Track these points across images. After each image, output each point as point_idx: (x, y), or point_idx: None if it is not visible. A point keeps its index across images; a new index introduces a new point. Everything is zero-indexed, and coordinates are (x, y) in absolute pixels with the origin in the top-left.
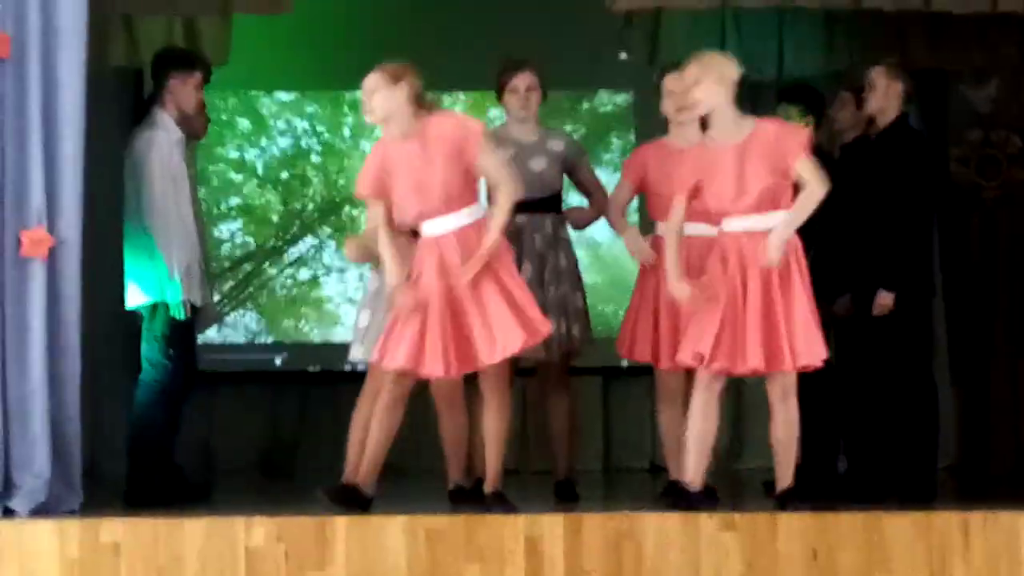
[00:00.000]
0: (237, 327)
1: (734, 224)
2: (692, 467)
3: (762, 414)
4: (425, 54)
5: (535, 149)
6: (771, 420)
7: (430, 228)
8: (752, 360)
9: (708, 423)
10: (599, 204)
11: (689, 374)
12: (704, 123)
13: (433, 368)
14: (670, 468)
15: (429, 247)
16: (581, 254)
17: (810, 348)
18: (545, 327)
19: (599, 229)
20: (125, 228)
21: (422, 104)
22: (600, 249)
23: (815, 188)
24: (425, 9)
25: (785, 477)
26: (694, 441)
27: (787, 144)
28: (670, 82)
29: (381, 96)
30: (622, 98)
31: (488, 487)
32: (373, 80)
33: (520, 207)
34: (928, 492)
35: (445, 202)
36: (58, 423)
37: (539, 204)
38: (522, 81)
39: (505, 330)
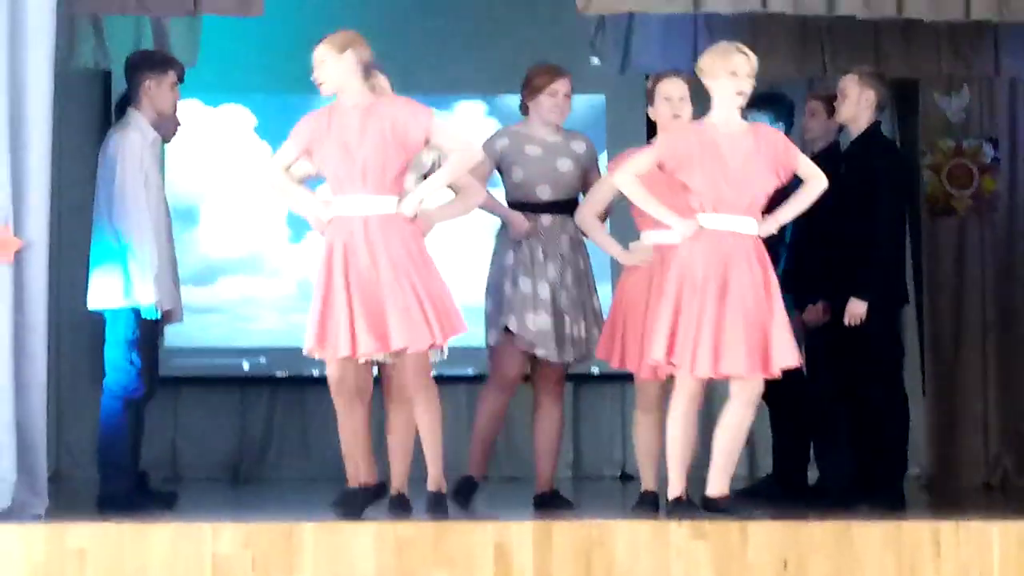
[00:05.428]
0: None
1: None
2: (676, 476)
3: None
4: (400, 59)
5: (561, 149)
6: (723, 420)
7: (342, 206)
8: (734, 365)
9: (689, 432)
10: None
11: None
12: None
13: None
14: (644, 478)
15: (338, 227)
16: None
17: (789, 351)
18: (455, 329)
19: None
20: (94, 229)
21: (370, 75)
22: None
23: None
24: (395, 16)
25: (723, 484)
26: (676, 450)
27: None
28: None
29: (328, 66)
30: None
31: (432, 486)
32: (321, 51)
33: (547, 207)
34: (898, 501)
35: (362, 179)
36: (23, 428)
37: (564, 205)
38: (563, 86)
39: (414, 326)
